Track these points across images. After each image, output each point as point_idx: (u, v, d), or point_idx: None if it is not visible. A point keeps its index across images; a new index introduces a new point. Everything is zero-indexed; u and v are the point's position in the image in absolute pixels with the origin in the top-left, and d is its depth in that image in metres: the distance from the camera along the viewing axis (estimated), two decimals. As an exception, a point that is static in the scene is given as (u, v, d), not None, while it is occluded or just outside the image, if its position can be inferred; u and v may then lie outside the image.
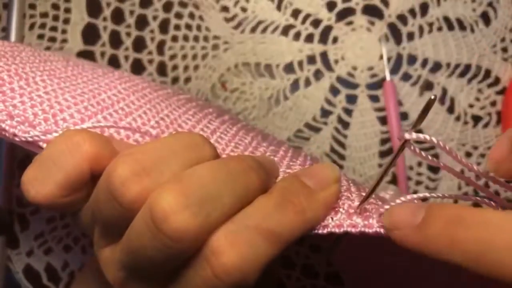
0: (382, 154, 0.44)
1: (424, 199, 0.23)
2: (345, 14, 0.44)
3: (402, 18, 0.44)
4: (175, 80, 0.45)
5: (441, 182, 0.44)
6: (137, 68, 0.45)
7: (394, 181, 0.44)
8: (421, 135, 0.20)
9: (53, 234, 0.44)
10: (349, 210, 0.22)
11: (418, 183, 0.44)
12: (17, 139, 0.23)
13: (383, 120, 0.44)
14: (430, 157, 0.22)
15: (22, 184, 0.21)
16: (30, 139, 0.22)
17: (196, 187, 0.19)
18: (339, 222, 0.21)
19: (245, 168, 0.21)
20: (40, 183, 0.21)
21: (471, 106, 0.44)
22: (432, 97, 0.19)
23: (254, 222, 0.20)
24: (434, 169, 0.44)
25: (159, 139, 0.22)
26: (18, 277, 0.44)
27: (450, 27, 0.44)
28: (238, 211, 0.20)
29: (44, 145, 0.22)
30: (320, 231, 0.21)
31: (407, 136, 0.20)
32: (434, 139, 0.20)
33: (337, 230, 0.21)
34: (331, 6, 0.44)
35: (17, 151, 0.44)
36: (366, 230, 0.21)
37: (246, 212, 0.20)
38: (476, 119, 0.44)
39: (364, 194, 0.22)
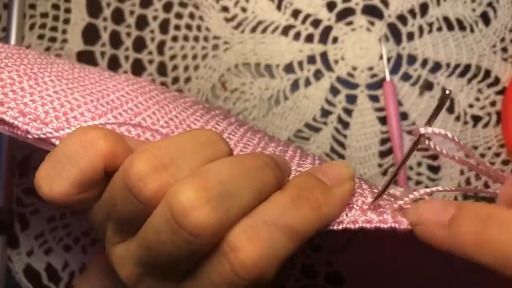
0: (382, 154, 0.44)
1: (431, 194, 0.23)
2: (345, 14, 0.44)
3: (402, 18, 0.44)
4: (175, 80, 0.45)
5: (441, 182, 0.44)
6: (138, 68, 0.45)
7: (394, 181, 0.44)
8: (436, 130, 0.20)
9: (53, 234, 0.44)
10: (363, 207, 0.22)
11: (418, 183, 0.44)
12: (29, 136, 0.23)
13: (383, 120, 0.44)
14: (444, 152, 0.22)
15: (36, 181, 0.21)
16: (43, 136, 0.22)
17: (215, 183, 0.19)
18: (354, 218, 0.21)
19: (261, 165, 0.21)
20: (54, 180, 0.21)
21: (471, 106, 0.44)
22: (447, 92, 0.18)
23: (272, 217, 0.20)
24: (434, 169, 0.44)
25: (174, 136, 0.21)
26: (18, 277, 0.44)
27: (450, 27, 0.44)
28: (255, 207, 0.20)
29: (57, 142, 0.22)
30: (335, 227, 0.21)
31: (422, 130, 0.20)
32: (449, 134, 0.21)
33: (352, 226, 0.21)
34: (331, 6, 0.44)
35: (17, 151, 0.44)
36: (381, 225, 0.21)
37: (263, 208, 0.20)
38: (476, 119, 0.44)
39: (376, 191, 0.22)
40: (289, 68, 0.45)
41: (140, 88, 0.32)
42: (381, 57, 0.44)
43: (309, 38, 0.44)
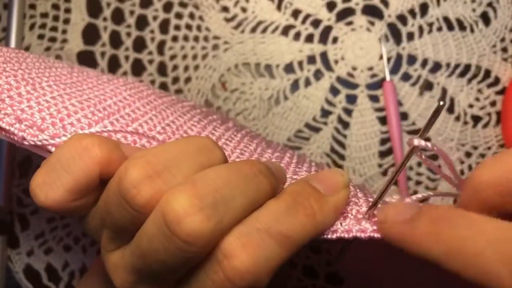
0: (382, 154, 0.44)
1: (425, 200, 0.23)
2: (345, 14, 0.44)
3: (402, 18, 0.44)
4: (175, 80, 0.45)
5: (440, 182, 0.44)
6: (138, 68, 0.45)
7: (393, 183, 0.44)
8: (429, 144, 0.20)
9: (53, 234, 0.44)
10: (358, 216, 0.22)
11: (418, 183, 0.44)
12: (26, 142, 0.23)
13: (383, 120, 0.44)
14: (435, 164, 0.22)
15: (31, 188, 0.21)
16: (39, 143, 0.22)
17: (209, 190, 0.19)
18: (348, 227, 0.21)
19: (256, 173, 0.21)
20: (49, 187, 0.21)
21: (471, 106, 0.44)
22: (441, 103, 0.19)
23: (265, 225, 0.20)
24: (434, 169, 0.44)
25: (169, 143, 0.21)
26: (18, 277, 0.44)
27: (450, 27, 0.44)
28: (249, 215, 0.20)
29: (53, 149, 0.22)
30: (329, 236, 0.21)
31: (416, 143, 0.20)
32: (442, 150, 0.21)
33: (346, 235, 0.21)
34: (331, 6, 0.44)
35: (17, 151, 0.44)
36: (375, 235, 0.21)
37: (257, 216, 0.20)
38: (476, 119, 0.44)
39: (371, 199, 0.22)
40: (289, 68, 0.45)
41: (138, 92, 0.32)
42: (381, 57, 0.44)
43: (309, 38, 0.44)
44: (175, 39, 0.45)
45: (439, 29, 0.44)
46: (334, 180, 0.22)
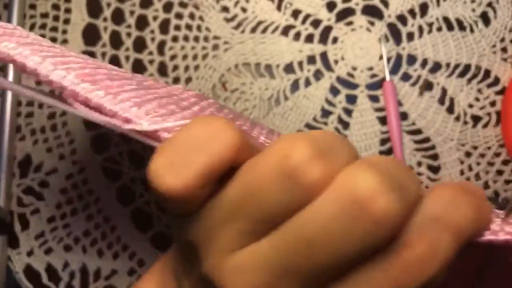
0: (382, 154, 0.44)
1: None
2: (345, 14, 0.44)
3: (401, 18, 0.44)
4: (176, 80, 0.45)
5: (441, 182, 0.44)
6: (138, 68, 0.45)
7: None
8: None
9: (54, 234, 0.44)
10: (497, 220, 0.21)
11: (418, 183, 0.44)
12: (131, 126, 0.20)
13: (383, 120, 0.44)
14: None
15: (153, 172, 0.19)
16: (153, 127, 0.20)
17: (390, 173, 0.18)
18: (494, 229, 0.20)
19: (407, 168, 0.20)
20: (178, 169, 0.18)
21: (470, 106, 0.44)
22: None
23: (437, 215, 0.18)
24: (434, 169, 0.44)
25: (314, 131, 0.20)
26: (18, 277, 0.44)
27: (450, 27, 0.44)
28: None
29: (164, 134, 0.20)
30: (481, 238, 0.20)
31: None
32: None
33: (494, 238, 0.20)
34: (331, 6, 0.44)
35: (17, 151, 0.44)
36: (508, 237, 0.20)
37: (426, 205, 0.19)
38: (476, 119, 0.44)
39: (496, 210, 0.22)
40: (289, 68, 0.45)
41: (195, 96, 0.31)
42: (381, 57, 0.44)
43: (309, 38, 0.44)
44: (175, 39, 0.45)
45: (439, 29, 0.44)
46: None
